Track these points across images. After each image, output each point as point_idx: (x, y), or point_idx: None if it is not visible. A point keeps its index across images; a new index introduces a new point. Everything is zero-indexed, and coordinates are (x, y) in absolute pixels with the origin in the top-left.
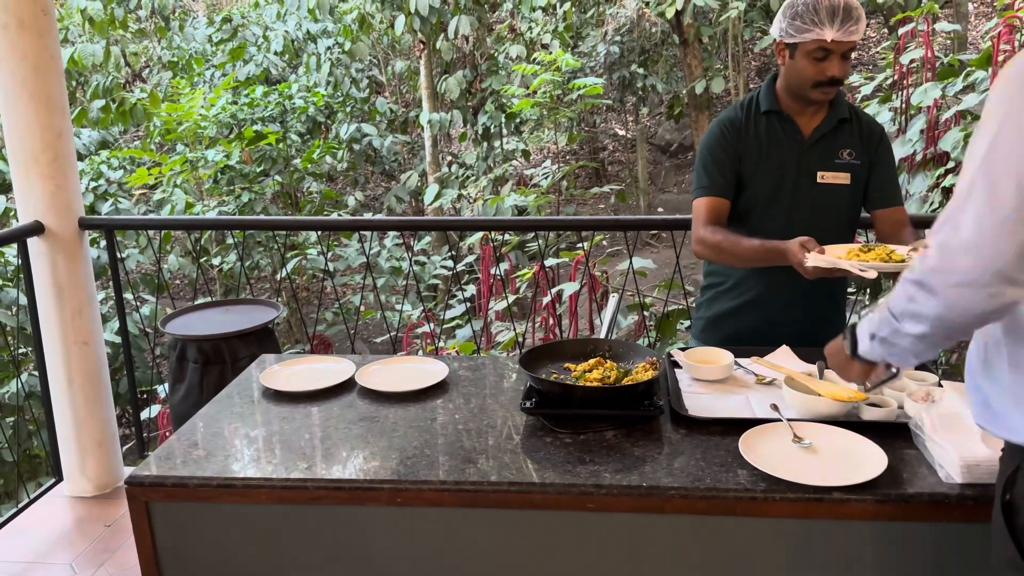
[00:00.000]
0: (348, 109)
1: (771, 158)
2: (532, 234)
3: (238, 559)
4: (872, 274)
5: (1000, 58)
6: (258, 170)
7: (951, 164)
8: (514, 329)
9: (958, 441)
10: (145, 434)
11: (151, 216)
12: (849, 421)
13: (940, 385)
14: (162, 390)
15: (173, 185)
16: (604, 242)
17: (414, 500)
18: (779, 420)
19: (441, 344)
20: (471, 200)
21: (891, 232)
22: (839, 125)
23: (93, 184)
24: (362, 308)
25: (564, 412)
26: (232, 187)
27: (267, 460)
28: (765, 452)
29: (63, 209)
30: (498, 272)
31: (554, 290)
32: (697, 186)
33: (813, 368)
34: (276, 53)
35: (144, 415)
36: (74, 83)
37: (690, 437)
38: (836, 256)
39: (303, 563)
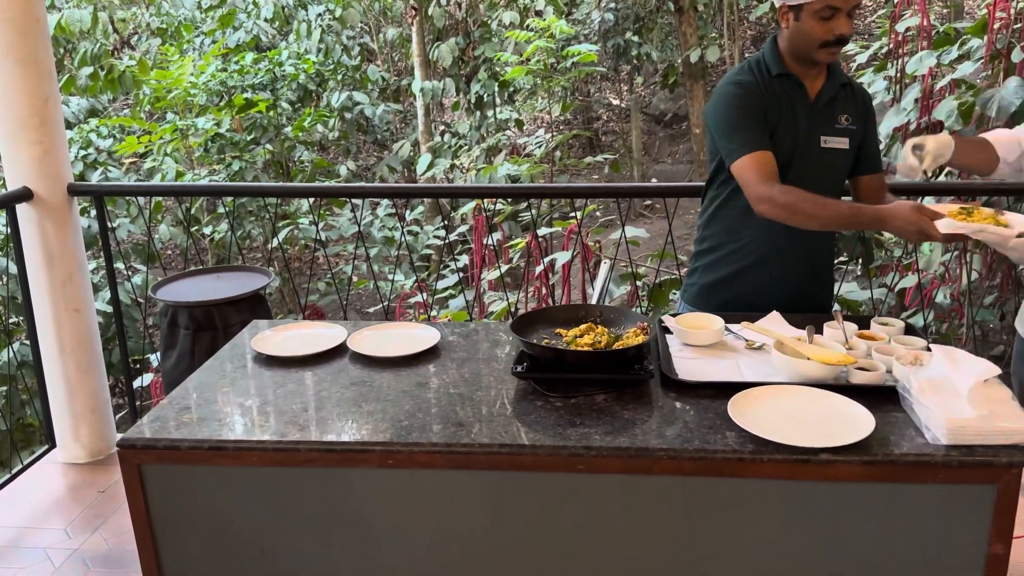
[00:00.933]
0: (339, 77)
1: (785, 121)
2: (525, 204)
3: (231, 521)
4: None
5: (996, 26)
6: (248, 138)
7: (945, 133)
8: (506, 299)
9: (945, 403)
10: (138, 403)
11: (141, 183)
12: (838, 385)
13: (929, 349)
14: (155, 359)
15: (163, 154)
16: (598, 212)
17: (406, 462)
18: (768, 384)
19: (434, 314)
20: (464, 170)
21: (871, 199)
22: (841, 89)
23: (83, 153)
24: (355, 278)
25: (555, 376)
26: (223, 156)
27: (259, 423)
28: (754, 415)
29: (52, 175)
30: (491, 242)
31: (547, 259)
32: (736, 146)
33: (803, 333)
34: (266, 20)
35: (137, 384)
36: (62, 50)
37: (680, 401)
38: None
39: (295, 525)
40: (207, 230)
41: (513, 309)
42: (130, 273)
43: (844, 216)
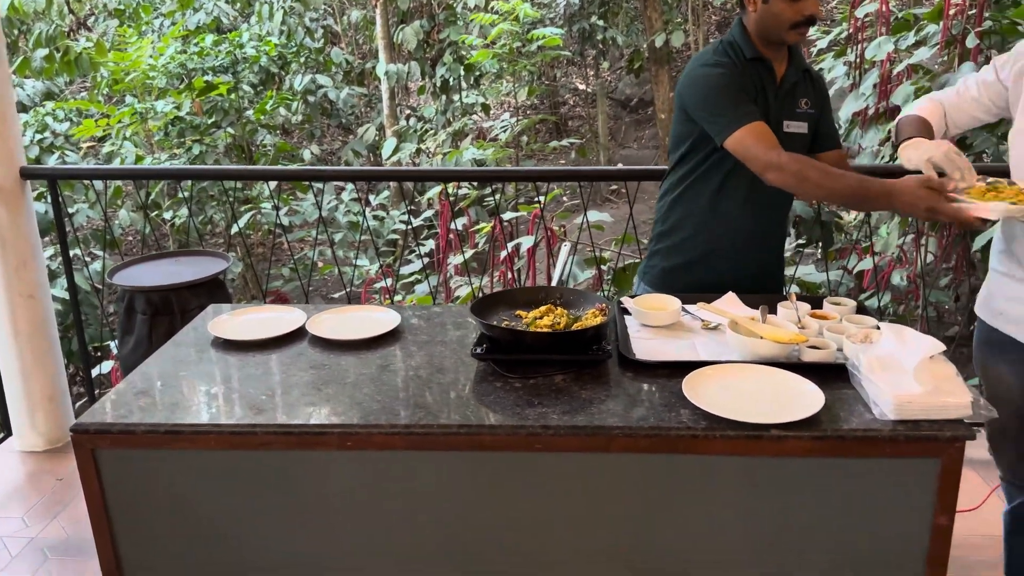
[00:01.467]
0: (302, 60)
1: (758, 105)
2: (490, 189)
3: (189, 506)
4: None
5: (951, 12)
6: (209, 121)
7: None
8: (470, 284)
9: (892, 380)
10: (97, 391)
11: (96, 166)
12: (790, 363)
13: (878, 328)
14: (115, 347)
15: (122, 138)
16: (564, 197)
17: (364, 444)
18: (722, 363)
19: (399, 299)
20: (430, 154)
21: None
22: (804, 74)
23: (38, 137)
24: (320, 263)
25: (514, 358)
26: (183, 139)
27: (216, 407)
28: (708, 393)
29: (4, 158)
30: (456, 227)
31: (511, 244)
32: (729, 120)
33: (757, 313)
34: (227, 1)
35: (97, 372)
36: (16, 31)
37: (636, 380)
38: (970, 197)
39: (255, 509)
40: (167, 215)
41: (479, 294)
42: (89, 259)
43: (852, 188)
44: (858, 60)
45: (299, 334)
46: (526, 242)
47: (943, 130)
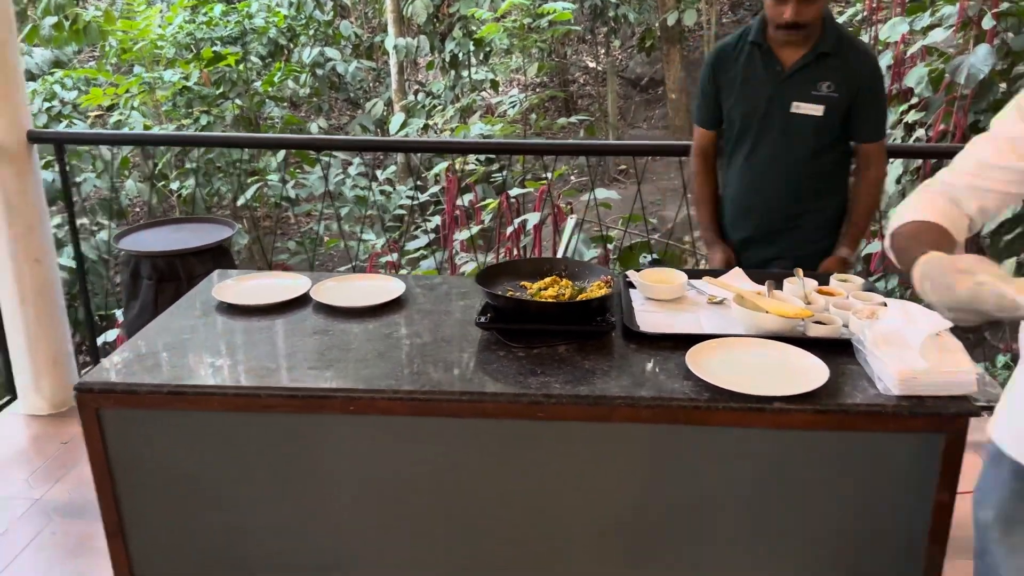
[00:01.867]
0: (311, 32)
1: (747, 89)
2: (497, 166)
3: (191, 467)
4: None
5: None
6: (217, 92)
7: (915, 100)
8: (476, 259)
9: (897, 355)
10: (103, 359)
11: (103, 131)
12: (795, 337)
13: (885, 304)
14: (121, 316)
15: (130, 108)
16: (572, 176)
17: (367, 408)
18: (727, 336)
19: (404, 273)
20: (438, 130)
21: (865, 166)
22: (820, 58)
23: (47, 105)
24: (326, 237)
25: (518, 327)
26: (191, 110)
27: (220, 369)
28: (711, 365)
29: (10, 122)
30: (463, 203)
31: (518, 220)
32: (694, 115)
33: (763, 288)
34: None
35: (103, 340)
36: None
37: (640, 352)
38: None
39: (257, 471)
40: (174, 186)
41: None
42: (96, 229)
43: (700, 223)
44: (872, 41)
45: (303, 300)
46: (532, 219)
47: (966, 230)
